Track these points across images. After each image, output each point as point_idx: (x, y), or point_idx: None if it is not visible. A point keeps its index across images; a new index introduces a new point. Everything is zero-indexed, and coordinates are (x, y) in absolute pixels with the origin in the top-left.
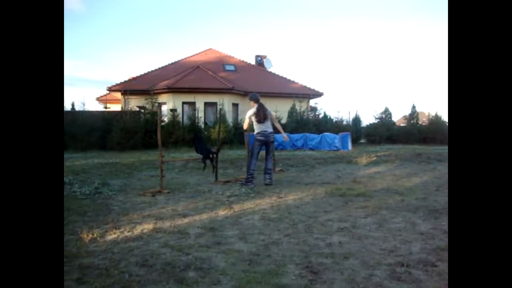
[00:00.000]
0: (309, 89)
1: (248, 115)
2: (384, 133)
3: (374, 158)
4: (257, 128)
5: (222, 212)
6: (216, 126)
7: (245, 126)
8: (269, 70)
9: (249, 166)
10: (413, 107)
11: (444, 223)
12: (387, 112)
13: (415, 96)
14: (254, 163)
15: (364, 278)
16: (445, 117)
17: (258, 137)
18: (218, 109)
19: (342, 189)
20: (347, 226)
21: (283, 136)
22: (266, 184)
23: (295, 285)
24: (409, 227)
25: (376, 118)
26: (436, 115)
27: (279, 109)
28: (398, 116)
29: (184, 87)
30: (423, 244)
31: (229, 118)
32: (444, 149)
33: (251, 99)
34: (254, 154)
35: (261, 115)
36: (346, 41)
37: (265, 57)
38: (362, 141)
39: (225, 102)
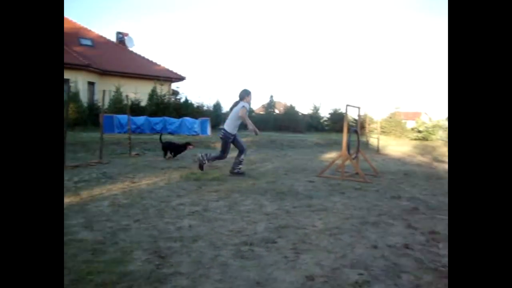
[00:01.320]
0: (172, 72)
1: None
2: None
3: None
4: None
5: (67, 200)
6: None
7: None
8: (131, 49)
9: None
10: (271, 97)
11: (287, 203)
12: None
13: (274, 86)
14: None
15: (210, 258)
16: (298, 107)
17: None
18: (70, 86)
19: (197, 173)
20: (199, 209)
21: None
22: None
23: (141, 271)
24: (257, 208)
25: None
26: (291, 106)
27: (139, 91)
28: (257, 105)
29: None
30: (267, 223)
31: (84, 98)
32: (295, 137)
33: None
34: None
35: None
36: (209, 27)
37: (127, 35)
38: (221, 127)
39: (80, 80)
